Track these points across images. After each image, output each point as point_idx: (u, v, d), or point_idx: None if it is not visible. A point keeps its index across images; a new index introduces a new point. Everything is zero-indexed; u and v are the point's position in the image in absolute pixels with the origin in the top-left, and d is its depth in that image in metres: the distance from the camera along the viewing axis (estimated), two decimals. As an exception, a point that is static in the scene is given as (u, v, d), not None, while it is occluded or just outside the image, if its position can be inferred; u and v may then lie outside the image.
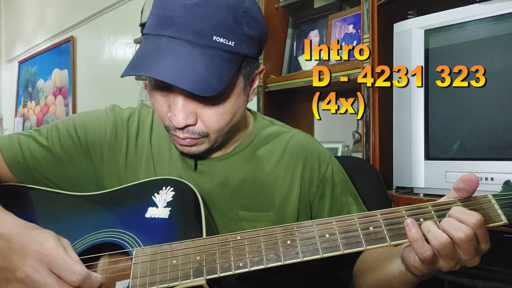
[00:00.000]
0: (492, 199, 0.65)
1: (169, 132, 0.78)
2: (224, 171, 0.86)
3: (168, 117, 0.75)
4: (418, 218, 0.63)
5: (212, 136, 0.78)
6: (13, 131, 4.71)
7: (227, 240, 0.67)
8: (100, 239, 0.74)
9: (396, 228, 0.64)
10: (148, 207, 0.75)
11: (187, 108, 0.73)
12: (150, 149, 0.88)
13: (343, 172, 0.95)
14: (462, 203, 0.65)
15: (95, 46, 3.70)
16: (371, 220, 0.65)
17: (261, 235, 0.66)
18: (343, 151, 1.91)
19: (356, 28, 1.69)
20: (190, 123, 0.74)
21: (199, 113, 0.74)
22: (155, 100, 0.76)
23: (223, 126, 0.77)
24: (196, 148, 0.79)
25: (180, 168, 0.86)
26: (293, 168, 0.89)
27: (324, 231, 0.65)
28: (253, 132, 0.91)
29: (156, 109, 0.77)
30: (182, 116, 0.72)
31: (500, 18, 1.11)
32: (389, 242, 0.63)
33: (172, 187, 0.77)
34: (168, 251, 0.67)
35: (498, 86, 1.12)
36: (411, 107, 1.24)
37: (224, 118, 0.76)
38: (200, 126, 0.75)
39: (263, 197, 0.86)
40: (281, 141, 0.91)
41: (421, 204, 0.65)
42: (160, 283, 0.65)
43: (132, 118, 0.91)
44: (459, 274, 1.18)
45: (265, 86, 1.86)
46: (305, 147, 0.91)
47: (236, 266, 0.64)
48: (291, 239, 0.65)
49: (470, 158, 1.16)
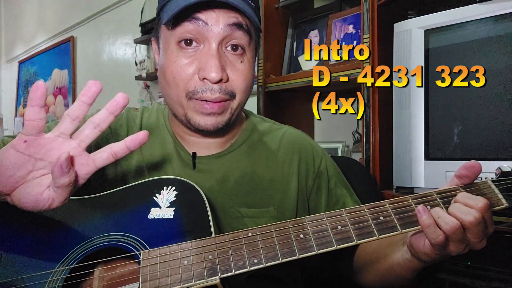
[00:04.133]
0: (491, 184, 0.67)
1: (192, 99, 0.76)
2: (222, 168, 0.86)
3: (198, 75, 0.75)
4: (425, 206, 0.64)
5: (237, 98, 0.79)
6: (13, 131, 4.71)
7: (238, 237, 0.66)
8: (103, 244, 0.72)
9: (406, 216, 0.65)
10: (150, 208, 0.73)
11: (221, 61, 0.75)
12: (141, 153, 0.87)
13: (335, 165, 0.97)
14: (465, 190, 0.66)
15: (95, 46, 3.70)
16: (380, 210, 0.66)
17: (273, 230, 0.66)
18: (343, 151, 1.91)
19: (356, 28, 1.69)
20: (224, 77, 0.76)
21: (229, 70, 0.77)
22: (177, 65, 0.76)
23: (246, 87, 0.80)
24: (221, 119, 0.78)
25: (178, 167, 0.86)
26: (289, 163, 0.90)
27: (336, 223, 0.65)
28: (247, 129, 0.91)
29: (178, 73, 0.76)
30: (219, 67, 0.74)
31: (500, 18, 1.11)
32: (400, 230, 0.64)
33: (174, 186, 0.75)
34: (177, 251, 0.66)
35: (498, 86, 1.12)
36: (411, 107, 1.24)
37: (248, 79, 0.80)
38: (230, 84, 0.77)
39: (262, 193, 0.87)
40: (275, 137, 0.93)
41: (426, 192, 0.67)
42: (173, 285, 0.63)
43: (120, 123, 0.90)
44: (460, 274, 1.18)
45: (265, 86, 1.86)
46: (299, 142, 0.93)
47: (251, 263, 0.63)
48: (304, 233, 0.65)
49: (470, 158, 1.15)
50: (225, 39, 0.76)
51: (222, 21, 0.74)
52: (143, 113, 0.93)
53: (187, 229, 0.70)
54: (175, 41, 0.76)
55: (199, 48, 0.76)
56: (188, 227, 0.70)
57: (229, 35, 0.75)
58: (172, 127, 0.89)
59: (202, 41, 0.76)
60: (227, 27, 0.75)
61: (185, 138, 0.87)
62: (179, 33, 0.75)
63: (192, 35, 0.75)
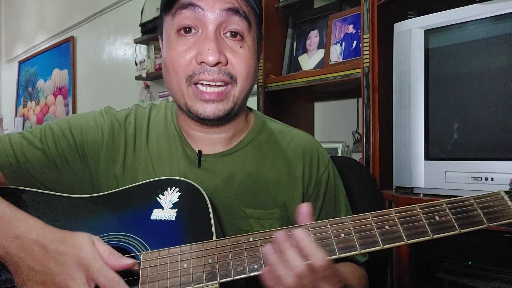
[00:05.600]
0: (504, 195, 0.65)
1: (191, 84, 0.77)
2: (228, 168, 0.86)
3: (195, 60, 0.76)
4: (433, 216, 0.63)
5: (238, 84, 0.78)
6: (13, 131, 4.70)
7: (239, 242, 0.64)
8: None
9: (412, 226, 0.63)
10: (153, 209, 0.73)
11: (218, 45, 0.75)
12: (148, 150, 0.87)
13: (338, 177, 0.95)
14: (476, 200, 0.65)
15: (95, 46, 3.70)
16: (385, 219, 0.64)
17: (274, 236, 0.63)
18: (343, 151, 1.91)
19: (356, 28, 1.69)
20: (223, 60, 0.76)
21: (228, 53, 0.77)
22: (176, 52, 0.77)
23: (249, 72, 0.79)
24: (222, 107, 0.78)
25: (183, 165, 0.85)
26: (295, 166, 0.89)
27: (339, 230, 0.63)
28: (255, 128, 0.91)
29: (177, 59, 0.77)
30: (216, 50, 0.74)
31: (500, 18, 1.11)
32: (406, 241, 0.62)
33: (177, 187, 0.74)
34: (177, 254, 0.65)
35: (498, 86, 1.12)
36: (411, 107, 1.24)
37: (249, 64, 0.79)
38: (230, 67, 0.77)
39: (267, 194, 0.86)
40: (284, 139, 0.91)
41: (436, 202, 0.65)
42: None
43: (129, 120, 0.89)
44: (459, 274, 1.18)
45: (265, 86, 1.86)
46: (307, 147, 0.91)
47: (250, 268, 0.62)
48: None
49: (470, 158, 1.16)
50: (222, 24, 0.76)
51: (218, 6, 0.75)
52: (151, 110, 0.92)
53: (188, 232, 0.70)
54: (174, 30, 0.78)
55: (198, 34, 0.77)
56: (190, 229, 0.70)
57: (226, 20, 0.76)
58: (179, 124, 0.89)
59: (200, 27, 0.77)
60: (223, 12, 0.75)
61: (191, 135, 0.86)
62: (178, 20, 0.77)
63: (190, 21, 0.76)
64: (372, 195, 1.25)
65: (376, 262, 1.14)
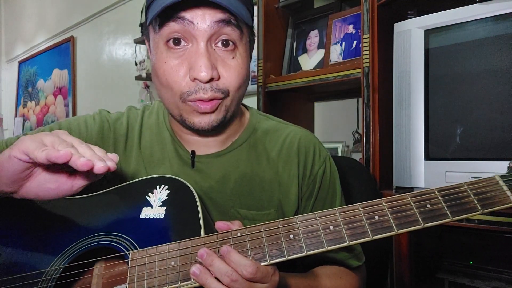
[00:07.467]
0: (500, 180, 0.62)
1: (187, 101, 0.75)
2: (222, 168, 0.85)
3: (189, 76, 0.74)
4: (424, 204, 0.62)
5: (231, 95, 0.77)
6: (13, 131, 4.71)
7: (227, 238, 0.64)
8: (94, 244, 0.71)
9: (403, 216, 0.61)
10: (142, 207, 0.73)
11: (210, 60, 0.73)
12: (140, 151, 0.86)
13: (336, 176, 0.93)
14: (469, 186, 0.62)
15: (95, 46, 3.70)
16: (375, 209, 0.62)
17: (262, 230, 0.64)
18: (343, 151, 1.91)
19: (356, 28, 1.69)
20: (215, 76, 0.73)
21: (220, 67, 0.75)
22: (168, 66, 0.75)
23: (240, 83, 0.77)
24: (215, 117, 0.76)
25: (177, 166, 0.85)
26: (290, 164, 0.88)
27: (328, 223, 0.63)
28: (249, 127, 0.90)
29: (170, 74, 0.75)
30: (208, 66, 0.72)
31: (500, 18, 1.11)
32: (396, 231, 0.61)
33: (167, 185, 0.74)
34: (165, 252, 0.65)
35: (498, 86, 1.12)
36: (411, 107, 1.24)
37: (241, 74, 0.77)
38: (222, 82, 0.75)
39: (263, 194, 0.85)
40: (279, 137, 0.90)
41: (427, 190, 0.63)
42: (160, 286, 0.63)
43: (120, 120, 0.89)
44: (459, 274, 1.18)
45: (265, 86, 1.86)
46: (302, 144, 0.90)
47: None
48: (294, 233, 0.63)
49: (470, 158, 1.16)
50: (214, 35, 0.74)
51: (209, 18, 0.72)
52: (144, 112, 0.92)
53: (177, 229, 0.69)
54: (163, 41, 0.75)
55: (188, 47, 0.74)
56: (178, 226, 0.70)
57: (217, 31, 0.73)
58: (171, 125, 0.88)
59: (190, 40, 0.74)
60: (214, 24, 0.72)
61: (184, 137, 0.86)
62: (166, 33, 0.74)
63: (180, 33, 0.73)
64: (372, 195, 1.24)
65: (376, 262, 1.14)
